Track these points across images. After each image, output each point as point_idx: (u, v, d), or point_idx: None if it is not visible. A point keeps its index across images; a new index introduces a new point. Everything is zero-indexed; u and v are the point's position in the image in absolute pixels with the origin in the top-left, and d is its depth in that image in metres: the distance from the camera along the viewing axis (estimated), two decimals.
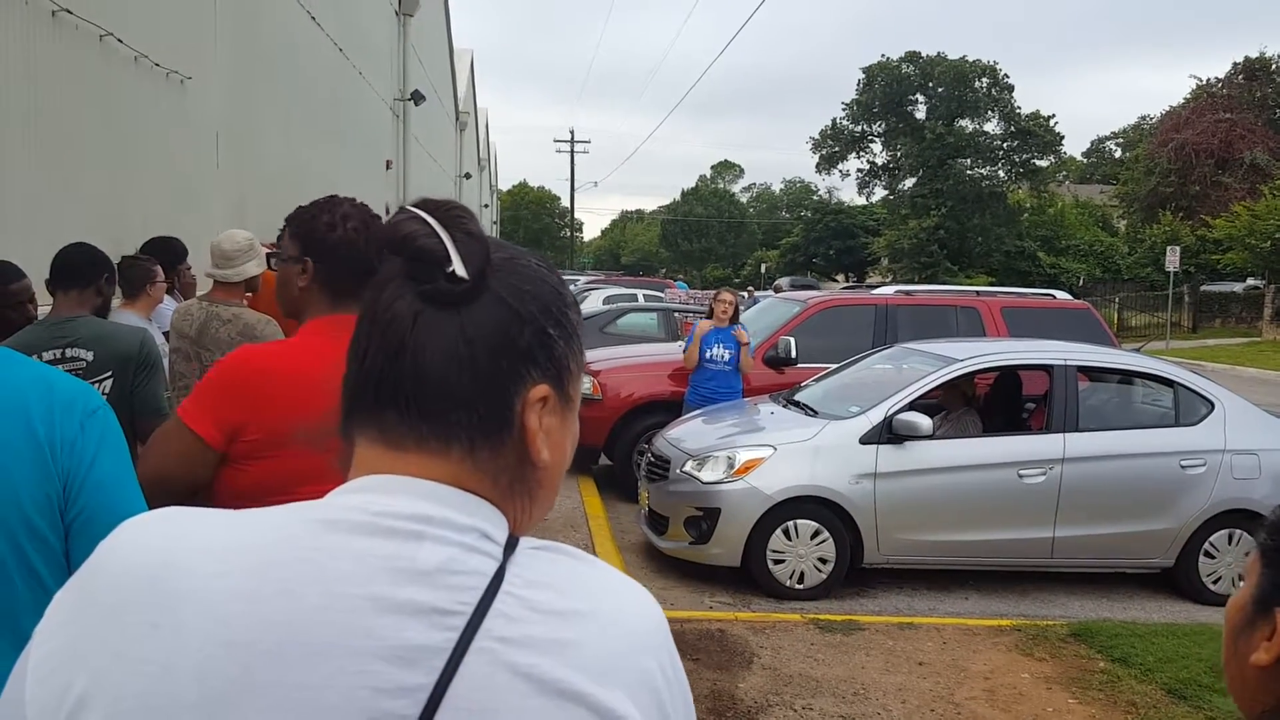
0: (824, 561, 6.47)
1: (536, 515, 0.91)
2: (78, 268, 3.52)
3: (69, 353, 3.23)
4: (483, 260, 0.85)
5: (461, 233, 0.85)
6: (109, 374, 3.26)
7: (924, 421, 6.49)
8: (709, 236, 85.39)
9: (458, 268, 0.83)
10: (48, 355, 3.20)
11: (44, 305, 3.67)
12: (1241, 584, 1.09)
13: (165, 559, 0.78)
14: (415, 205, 0.87)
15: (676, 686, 0.83)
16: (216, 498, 2.12)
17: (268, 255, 2.39)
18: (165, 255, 5.38)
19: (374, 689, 0.74)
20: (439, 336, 0.83)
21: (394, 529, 0.79)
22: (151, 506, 1.78)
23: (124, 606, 0.77)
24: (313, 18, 12.48)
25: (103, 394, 3.20)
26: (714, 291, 9.38)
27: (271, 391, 2.03)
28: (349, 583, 0.76)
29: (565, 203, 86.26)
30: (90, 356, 3.25)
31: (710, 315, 8.52)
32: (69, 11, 5.63)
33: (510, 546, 0.83)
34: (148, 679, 0.74)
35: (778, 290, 28.36)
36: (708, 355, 8.31)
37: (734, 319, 8.37)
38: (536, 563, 0.83)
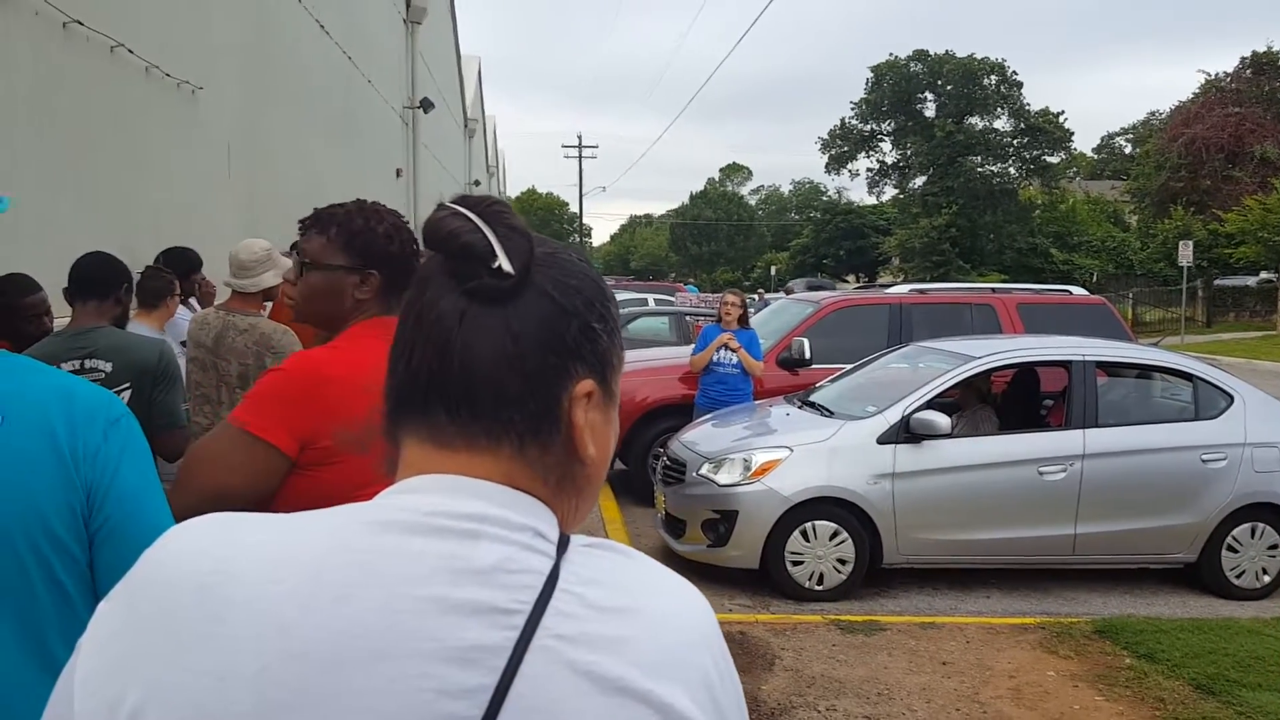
0: (843, 562, 6.43)
1: (583, 512, 0.90)
2: (97, 279, 3.51)
3: (88, 364, 3.22)
4: (527, 254, 0.84)
5: (504, 227, 0.83)
6: (127, 385, 3.25)
7: (942, 420, 6.45)
8: (718, 239, 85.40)
9: (503, 263, 0.82)
10: (67, 366, 3.18)
11: (60, 316, 3.67)
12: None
13: (216, 566, 0.77)
14: (455, 201, 0.85)
15: (729, 681, 0.83)
16: (281, 507, 2.06)
17: (301, 264, 2.31)
18: (181, 265, 5.39)
19: (436, 691, 0.72)
20: (486, 334, 0.82)
21: (449, 528, 0.78)
22: None
23: (176, 615, 0.75)
24: (322, 27, 12.51)
25: None
26: (719, 295, 9.35)
27: (341, 396, 2.00)
28: (407, 584, 0.75)
29: (574, 208, 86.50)
30: (109, 368, 3.24)
31: (719, 319, 8.49)
32: (80, 23, 5.64)
33: (563, 544, 0.82)
34: (203, 690, 0.73)
35: (789, 292, 28.34)
36: (715, 359, 8.30)
37: (742, 321, 8.33)
38: (590, 560, 0.82)
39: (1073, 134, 49.37)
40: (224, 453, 2.01)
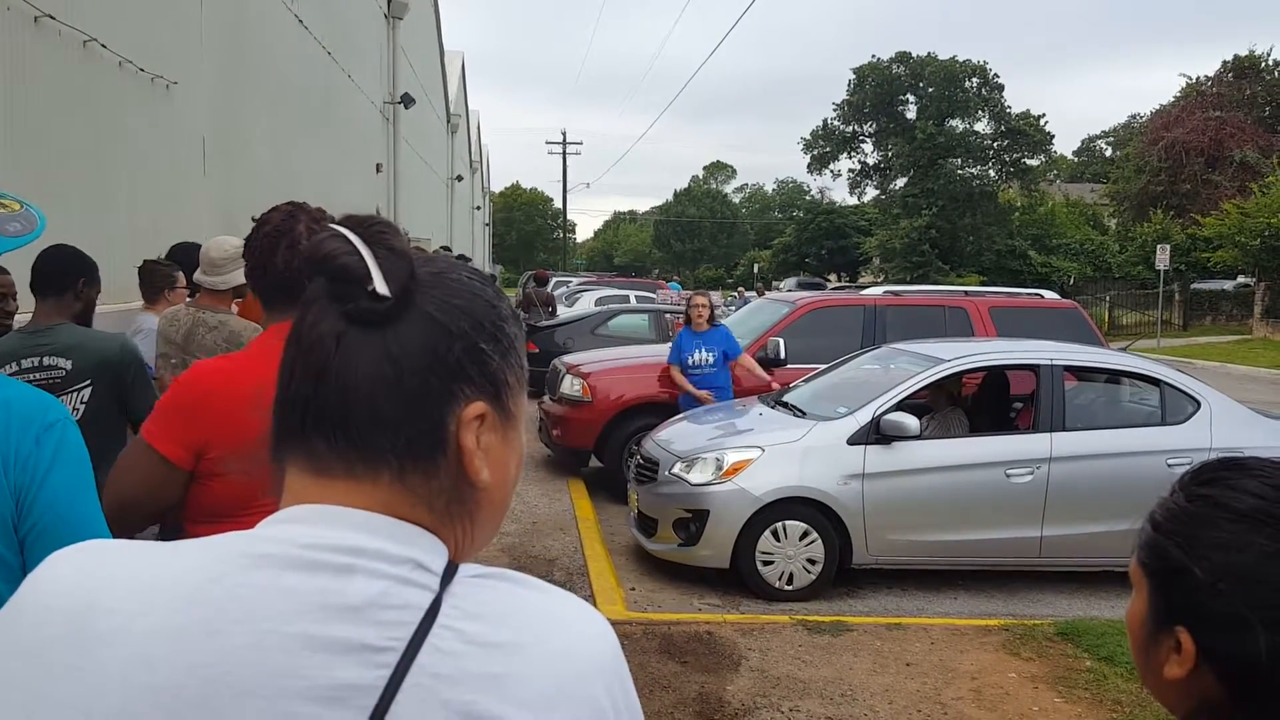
0: (813, 563, 6.47)
1: (481, 538, 0.88)
2: (55, 274, 3.44)
3: (45, 361, 3.20)
4: (406, 276, 0.82)
5: (384, 249, 0.82)
6: (87, 382, 3.23)
7: (911, 422, 6.50)
8: (702, 237, 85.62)
9: (379, 285, 0.80)
10: (26, 363, 3.17)
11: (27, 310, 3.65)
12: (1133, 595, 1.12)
13: (87, 598, 0.76)
14: (339, 222, 0.84)
15: (627, 712, 0.81)
16: (188, 518, 2.08)
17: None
18: (192, 261, 5.21)
19: None
20: (363, 358, 0.80)
21: (323, 562, 0.76)
22: (118, 531, 1.78)
23: (45, 647, 0.75)
24: (300, 21, 12.46)
25: (81, 402, 3.19)
26: (688, 296, 9.43)
27: (231, 405, 1.99)
28: (277, 620, 0.74)
29: (558, 204, 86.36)
30: (68, 365, 3.22)
31: (689, 322, 8.56)
32: (51, 17, 5.61)
33: (449, 575, 0.80)
34: None
35: (761, 294, 28.42)
36: (691, 362, 8.38)
37: (710, 321, 8.43)
38: (476, 592, 0.80)
39: (1053, 137, 49.64)
40: (130, 461, 2.05)
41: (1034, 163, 50.70)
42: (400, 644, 0.74)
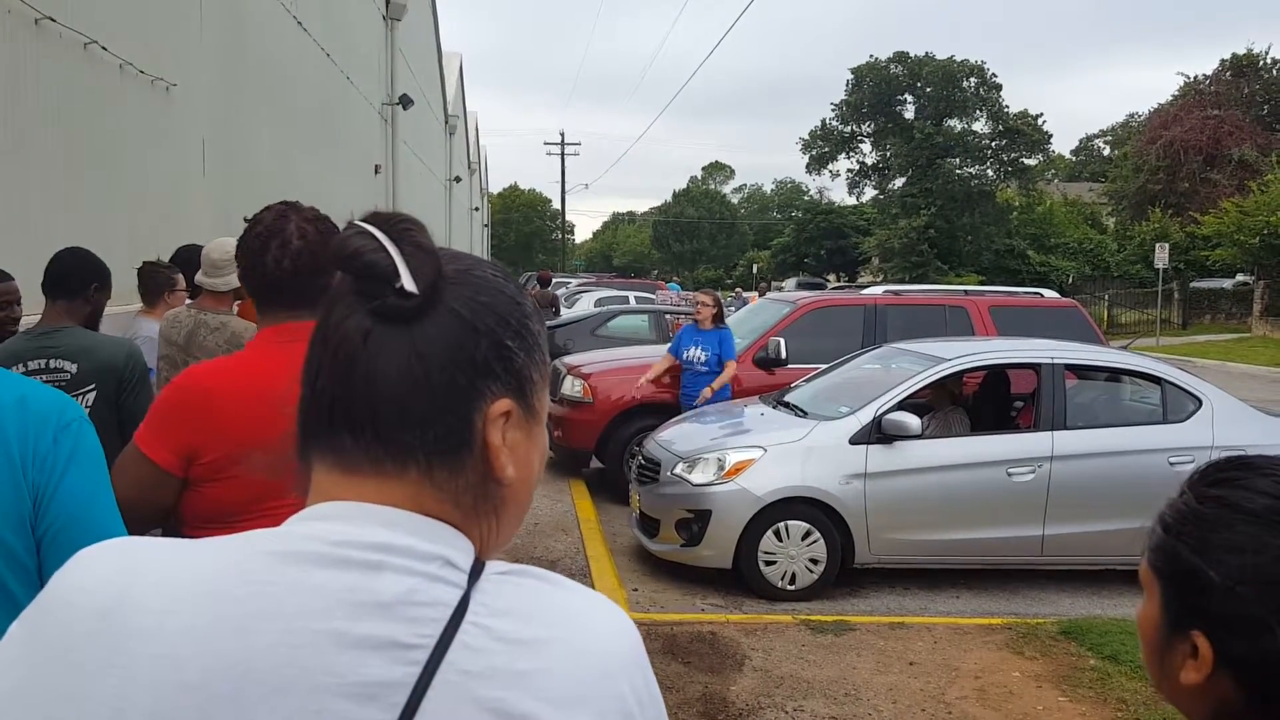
0: (815, 562, 6.47)
1: (504, 535, 0.88)
2: (66, 277, 3.47)
3: (52, 364, 3.20)
4: (434, 273, 0.81)
5: (411, 245, 0.81)
6: (92, 387, 3.23)
7: (913, 421, 6.50)
8: (700, 238, 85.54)
9: (406, 282, 0.79)
10: (32, 365, 3.18)
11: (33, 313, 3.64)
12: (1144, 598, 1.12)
13: (117, 595, 0.75)
14: (364, 219, 0.83)
15: (650, 707, 0.82)
16: (183, 524, 2.07)
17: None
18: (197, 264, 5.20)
19: None
20: (391, 354, 0.80)
21: (352, 559, 0.76)
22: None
23: (75, 645, 0.74)
24: (299, 23, 12.46)
25: (85, 406, 3.19)
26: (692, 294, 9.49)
27: (223, 410, 1.97)
28: (306, 618, 0.74)
29: (556, 205, 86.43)
30: (74, 369, 3.22)
31: (695, 319, 8.58)
32: (52, 19, 5.61)
33: (476, 572, 0.80)
34: None
35: (762, 294, 28.45)
36: (687, 358, 8.39)
37: (717, 319, 8.42)
38: (503, 589, 0.80)
39: (1051, 136, 49.58)
40: (124, 466, 2.03)
41: (1032, 162, 50.66)
42: (430, 641, 0.74)
